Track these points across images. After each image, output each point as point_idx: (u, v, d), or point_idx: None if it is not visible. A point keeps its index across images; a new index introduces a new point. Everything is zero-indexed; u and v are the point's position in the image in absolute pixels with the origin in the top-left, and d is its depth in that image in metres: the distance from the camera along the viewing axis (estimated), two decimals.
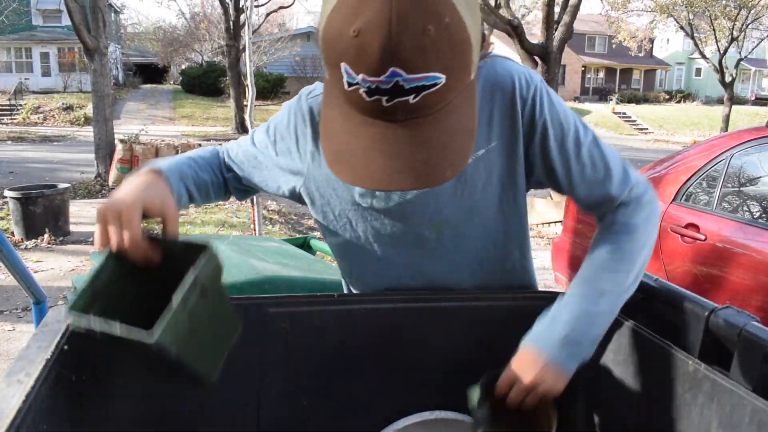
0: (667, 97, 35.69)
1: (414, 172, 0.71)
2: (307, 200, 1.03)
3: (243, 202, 7.42)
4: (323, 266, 2.03)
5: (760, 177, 2.74)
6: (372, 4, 0.64)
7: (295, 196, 1.04)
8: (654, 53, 38.22)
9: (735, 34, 19.45)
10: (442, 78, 0.67)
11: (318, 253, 2.47)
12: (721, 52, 19.76)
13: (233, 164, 1.06)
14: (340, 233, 1.03)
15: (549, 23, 10.91)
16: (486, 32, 0.81)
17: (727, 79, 19.63)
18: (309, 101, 0.99)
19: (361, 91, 0.68)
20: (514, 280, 1.07)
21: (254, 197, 4.73)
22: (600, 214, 0.98)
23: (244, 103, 14.22)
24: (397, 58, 0.64)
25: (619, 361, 0.98)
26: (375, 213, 0.98)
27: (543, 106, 0.91)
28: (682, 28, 20.58)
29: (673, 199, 2.87)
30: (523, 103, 0.91)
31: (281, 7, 21.44)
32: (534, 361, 0.88)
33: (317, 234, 6.66)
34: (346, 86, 0.70)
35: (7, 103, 21.22)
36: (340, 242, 1.05)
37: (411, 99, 0.68)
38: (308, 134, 0.98)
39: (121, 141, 8.61)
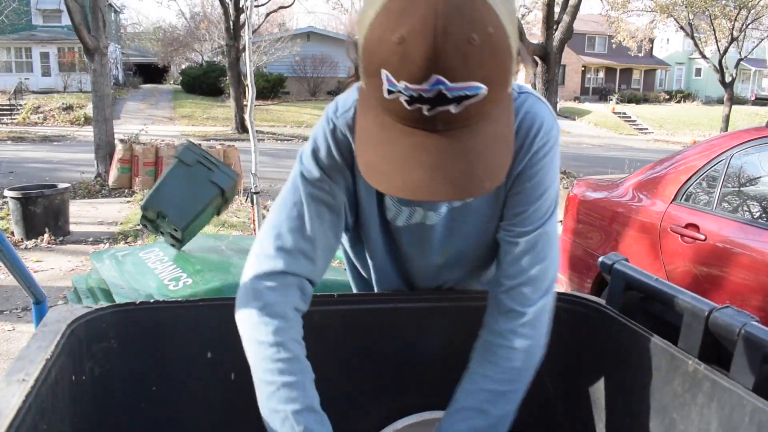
0: (667, 97, 35.68)
1: (453, 182, 0.70)
2: (352, 216, 1.02)
3: (243, 202, 7.43)
4: None
5: (760, 177, 2.74)
6: (416, 12, 0.64)
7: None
8: (654, 53, 38.22)
9: (735, 34, 19.45)
10: (483, 88, 0.67)
11: None
12: (721, 52, 19.76)
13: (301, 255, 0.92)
14: (371, 250, 1.05)
15: (549, 23, 10.91)
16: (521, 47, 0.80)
17: (727, 79, 19.63)
18: (342, 117, 0.92)
19: (402, 99, 0.67)
20: None
21: (254, 197, 4.73)
22: (499, 300, 0.94)
23: (244, 102, 14.22)
24: (440, 66, 0.64)
25: (619, 361, 0.99)
26: (410, 230, 1.00)
27: (546, 168, 0.91)
28: (682, 28, 20.58)
29: (673, 199, 2.87)
30: (533, 152, 0.90)
31: (281, 7, 21.43)
32: None
33: None
34: (385, 94, 0.69)
35: (7, 103, 21.21)
36: (375, 256, 1.06)
37: (452, 108, 0.67)
38: (353, 148, 0.93)
39: (121, 141, 8.61)
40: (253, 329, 0.86)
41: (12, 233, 5.56)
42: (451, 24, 0.63)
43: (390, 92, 0.68)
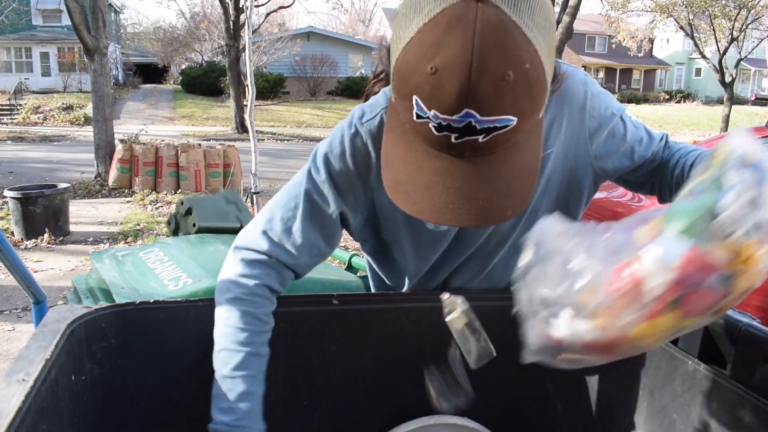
0: (667, 97, 35.68)
1: (475, 209, 0.70)
2: (369, 226, 1.02)
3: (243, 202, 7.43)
4: (323, 266, 2.03)
5: None
6: (453, 43, 0.62)
7: (359, 227, 1.02)
8: (654, 53, 38.21)
9: (735, 34, 19.45)
10: (514, 120, 0.67)
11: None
12: (721, 52, 19.76)
13: (294, 259, 0.94)
14: (400, 252, 1.04)
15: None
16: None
17: (727, 79, 19.63)
18: (367, 125, 0.92)
19: (431, 125, 0.67)
20: None
21: (254, 197, 4.73)
22: (662, 160, 1.01)
23: (244, 103, 14.22)
24: (472, 101, 0.63)
25: (619, 361, 0.98)
26: (434, 233, 0.99)
27: (607, 118, 0.95)
28: (681, 28, 20.57)
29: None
30: (591, 117, 0.94)
31: (281, 7, 21.42)
32: None
33: None
34: (414, 117, 0.69)
35: (7, 102, 21.21)
36: (389, 261, 1.06)
37: (480, 138, 0.67)
38: (372, 159, 0.92)
39: (121, 141, 8.61)
40: (224, 306, 0.90)
41: (12, 233, 5.56)
42: (487, 59, 0.62)
43: (419, 116, 0.68)
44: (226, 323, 0.89)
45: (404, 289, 1.11)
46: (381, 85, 0.96)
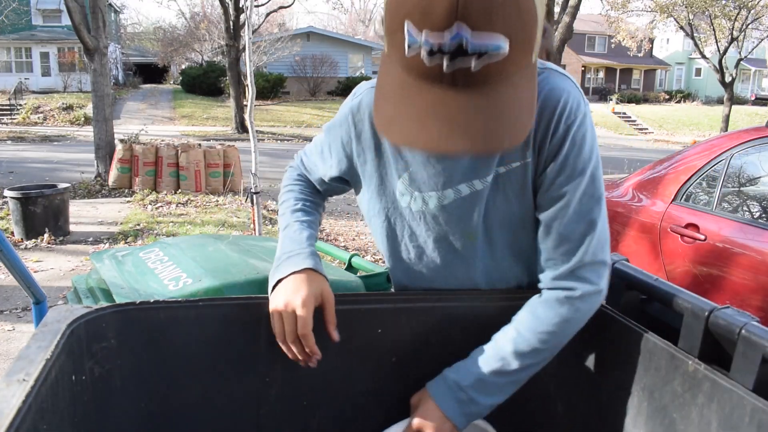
0: (667, 97, 35.67)
1: (470, 136, 0.70)
2: (355, 189, 1.11)
3: (243, 202, 7.43)
4: (323, 266, 2.03)
5: (760, 177, 2.74)
6: None
7: (346, 180, 1.11)
8: (654, 53, 38.21)
9: (735, 34, 19.45)
10: (505, 46, 0.66)
11: (318, 253, 2.47)
12: (721, 52, 19.76)
13: (308, 172, 1.16)
14: (379, 228, 1.07)
15: (549, 23, 10.87)
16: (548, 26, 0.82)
17: (727, 79, 19.63)
18: (363, 93, 1.01)
19: (423, 53, 0.68)
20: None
21: (254, 197, 4.73)
22: (550, 275, 0.95)
23: (244, 102, 14.21)
24: (463, 13, 0.64)
25: (619, 361, 0.98)
26: (412, 214, 1.01)
27: (575, 139, 0.88)
28: (682, 28, 20.57)
29: (673, 199, 2.87)
30: (559, 128, 0.88)
31: (281, 7, 21.42)
32: (439, 420, 0.94)
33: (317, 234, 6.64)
34: (406, 50, 0.69)
35: (7, 102, 21.21)
36: (379, 236, 1.10)
37: (473, 64, 0.67)
38: (364, 125, 1.01)
39: (121, 141, 8.61)
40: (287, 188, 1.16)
41: (12, 233, 5.56)
42: None
43: (410, 47, 0.68)
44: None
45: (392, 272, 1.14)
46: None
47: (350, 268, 2.25)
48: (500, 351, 0.93)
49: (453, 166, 0.94)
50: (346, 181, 1.11)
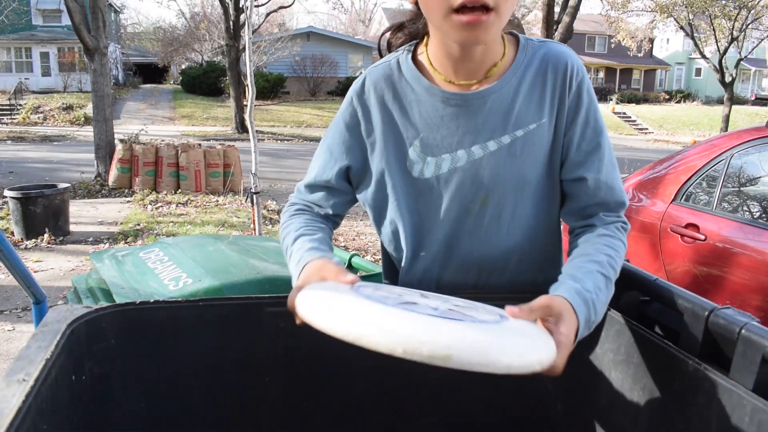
0: (667, 97, 35.67)
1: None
2: (360, 182, 1.07)
3: (243, 202, 7.43)
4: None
5: (760, 177, 2.74)
6: None
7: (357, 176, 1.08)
8: (654, 53, 38.19)
9: (735, 34, 19.44)
10: None
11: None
12: (721, 52, 19.75)
13: (309, 189, 1.11)
14: (387, 206, 1.06)
15: (549, 23, 10.91)
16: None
17: (727, 79, 19.63)
18: (366, 74, 1.04)
19: None
20: (545, 281, 0.97)
21: (254, 197, 4.73)
22: (590, 222, 1.01)
23: (244, 102, 14.20)
24: None
25: (619, 361, 0.98)
26: (425, 183, 1.01)
27: (590, 94, 0.98)
28: (682, 28, 20.56)
29: (673, 199, 2.87)
30: (572, 85, 0.96)
31: (281, 7, 21.41)
32: (574, 337, 0.84)
33: None
34: None
35: (7, 102, 21.21)
36: (388, 223, 1.07)
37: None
38: (371, 102, 1.02)
39: (121, 141, 8.61)
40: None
41: (12, 233, 5.56)
42: None
43: None
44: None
45: (405, 263, 1.09)
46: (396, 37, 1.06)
47: (350, 268, 2.25)
48: (602, 268, 0.91)
49: (466, 125, 0.97)
50: (351, 178, 1.08)
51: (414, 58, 1.01)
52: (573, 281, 0.88)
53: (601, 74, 37.36)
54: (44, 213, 5.52)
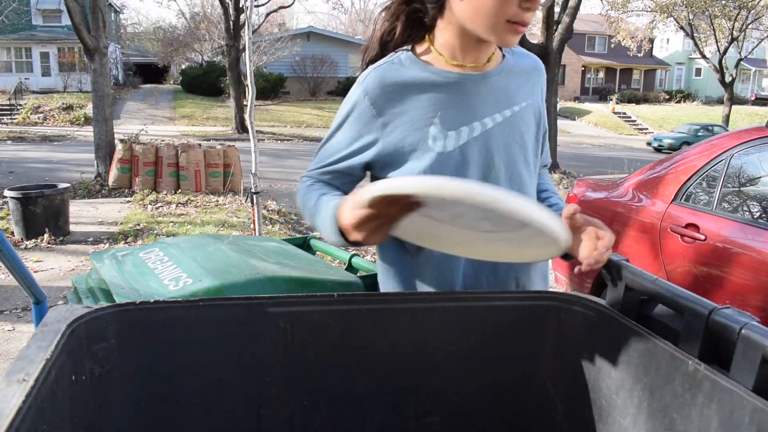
0: (667, 97, 35.68)
1: None
2: (377, 161, 1.14)
3: (243, 202, 7.44)
4: (323, 266, 2.03)
5: (760, 177, 2.74)
6: None
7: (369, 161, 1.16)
8: (654, 53, 38.20)
9: (735, 34, 19.45)
10: None
11: (318, 253, 2.47)
12: (721, 52, 19.76)
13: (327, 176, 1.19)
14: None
15: (549, 23, 10.91)
16: None
17: (727, 79, 19.64)
18: (367, 75, 1.12)
19: None
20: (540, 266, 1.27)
21: (254, 197, 4.73)
22: (543, 169, 1.32)
23: (244, 102, 14.21)
24: None
25: (619, 361, 0.98)
26: (447, 154, 1.11)
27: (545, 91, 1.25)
28: (682, 28, 20.58)
29: (673, 199, 2.87)
30: (543, 75, 1.23)
31: (281, 7, 21.42)
32: None
33: (317, 234, 6.66)
34: None
35: (7, 102, 21.22)
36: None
37: None
38: (381, 97, 1.10)
39: (121, 141, 8.61)
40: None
41: (12, 233, 5.57)
42: None
43: None
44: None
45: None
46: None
47: (350, 268, 2.25)
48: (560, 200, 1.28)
49: (477, 101, 1.12)
50: (370, 163, 1.16)
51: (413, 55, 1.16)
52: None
53: (601, 74, 37.36)
54: (44, 213, 5.52)
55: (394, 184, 0.82)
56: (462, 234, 0.99)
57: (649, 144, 21.66)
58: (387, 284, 1.21)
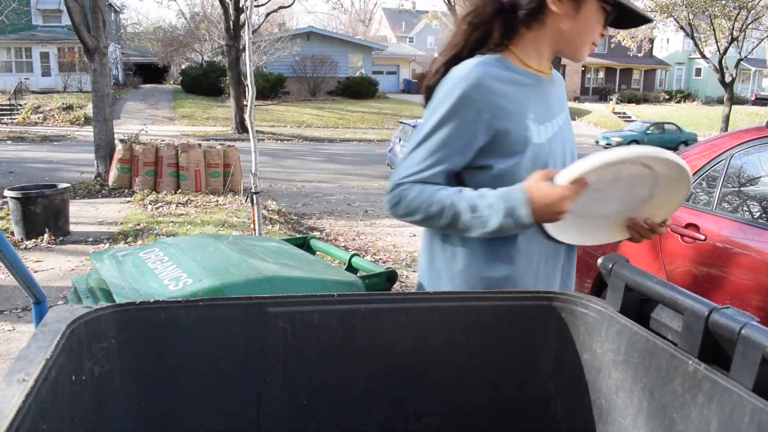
0: (667, 97, 35.68)
1: None
2: (483, 152, 1.26)
3: (243, 202, 7.44)
4: (323, 266, 2.03)
5: (760, 177, 2.74)
6: None
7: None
8: (654, 53, 38.19)
9: (735, 34, 19.45)
10: None
11: (318, 253, 2.47)
12: (721, 52, 19.76)
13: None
14: (508, 173, 1.26)
15: None
16: None
17: (727, 79, 19.64)
18: (470, 71, 1.22)
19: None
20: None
21: (254, 197, 4.73)
22: None
23: (244, 102, 14.21)
24: None
25: (619, 361, 0.98)
26: (540, 146, 1.26)
27: None
28: (682, 28, 20.57)
29: None
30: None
31: (281, 7, 21.43)
32: None
33: (317, 234, 6.67)
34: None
35: (7, 102, 21.21)
36: (502, 182, 1.26)
37: None
38: (486, 96, 1.22)
39: (121, 141, 8.61)
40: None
41: (12, 233, 5.57)
42: None
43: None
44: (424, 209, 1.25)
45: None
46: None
47: (350, 268, 2.25)
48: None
49: (553, 100, 1.34)
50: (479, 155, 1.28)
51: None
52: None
53: (601, 74, 37.36)
54: (44, 213, 5.52)
55: (608, 156, 1.05)
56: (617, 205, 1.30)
57: (597, 143, 20.73)
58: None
